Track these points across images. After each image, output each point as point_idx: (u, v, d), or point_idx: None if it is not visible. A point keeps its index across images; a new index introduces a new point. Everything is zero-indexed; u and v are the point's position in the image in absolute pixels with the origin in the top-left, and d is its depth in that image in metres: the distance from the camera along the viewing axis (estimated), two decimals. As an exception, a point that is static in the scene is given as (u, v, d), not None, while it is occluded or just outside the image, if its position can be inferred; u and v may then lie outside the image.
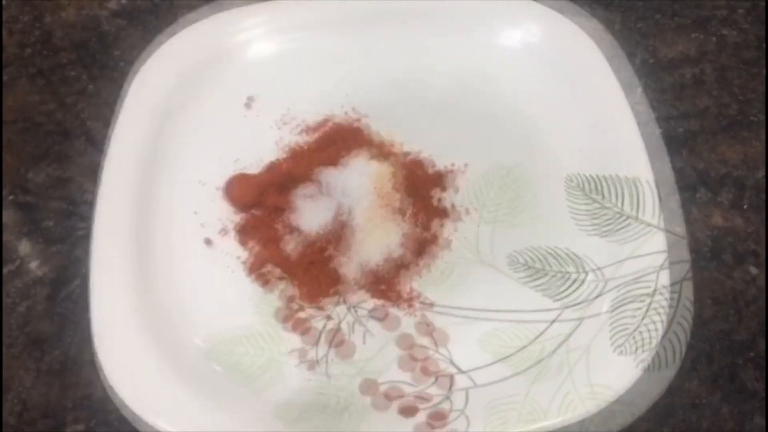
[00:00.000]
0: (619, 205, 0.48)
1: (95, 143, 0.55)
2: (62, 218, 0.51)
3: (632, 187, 0.48)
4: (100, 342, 0.43)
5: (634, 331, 0.42)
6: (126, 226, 0.48)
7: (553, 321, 0.45)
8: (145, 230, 0.49)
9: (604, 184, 0.49)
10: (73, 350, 0.46)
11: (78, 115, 0.57)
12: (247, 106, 0.55)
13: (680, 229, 0.46)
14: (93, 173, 0.52)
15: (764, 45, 0.58)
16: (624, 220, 0.47)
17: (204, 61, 0.56)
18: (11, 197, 0.53)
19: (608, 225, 0.47)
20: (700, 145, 0.54)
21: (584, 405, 0.40)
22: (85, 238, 0.49)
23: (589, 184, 0.50)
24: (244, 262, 0.49)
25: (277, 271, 0.48)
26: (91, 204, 0.49)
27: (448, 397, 0.42)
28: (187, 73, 0.55)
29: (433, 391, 0.43)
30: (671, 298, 0.43)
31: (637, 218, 0.47)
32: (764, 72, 0.57)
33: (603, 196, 0.49)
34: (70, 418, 0.43)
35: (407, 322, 0.46)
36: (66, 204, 0.52)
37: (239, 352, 0.45)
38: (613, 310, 0.44)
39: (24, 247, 0.50)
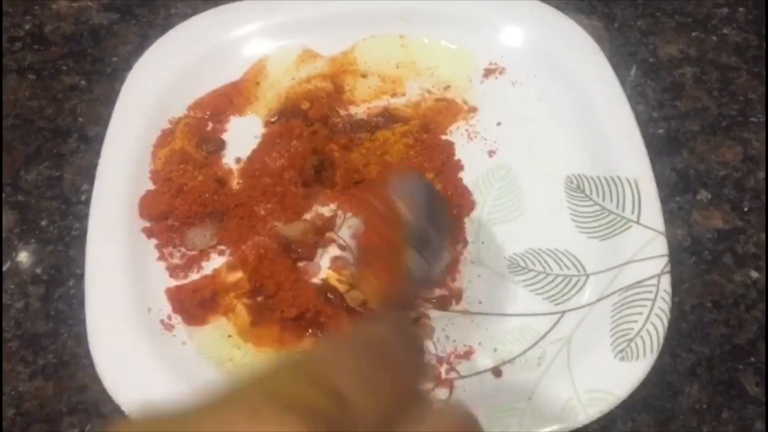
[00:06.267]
0: (620, 208, 0.47)
1: (89, 141, 0.54)
2: (57, 218, 0.50)
3: (633, 189, 0.47)
4: (95, 343, 0.42)
5: (636, 336, 0.42)
6: (121, 226, 0.47)
7: (554, 325, 0.45)
8: (140, 230, 0.48)
9: (604, 185, 0.49)
10: (66, 353, 0.45)
11: (71, 112, 0.56)
12: (243, 103, 0.55)
13: (659, 225, 0.46)
14: (87, 172, 0.51)
15: (765, 44, 0.58)
16: (625, 223, 0.46)
17: (199, 58, 0.55)
18: (3, 196, 0.52)
19: (608, 228, 0.47)
20: (700, 145, 0.53)
21: (585, 411, 0.40)
22: (80, 238, 0.48)
23: (590, 185, 0.49)
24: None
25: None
26: (85, 203, 0.48)
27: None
28: (181, 70, 0.54)
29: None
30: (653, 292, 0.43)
31: (638, 222, 0.46)
32: (765, 72, 0.56)
33: (603, 198, 0.48)
34: (66, 422, 0.43)
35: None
36: (60, 203, 0.51)
37: (237, 355, 0.44)
38: (613, 313, 0.44)
39: (19, 247, 0.49)
